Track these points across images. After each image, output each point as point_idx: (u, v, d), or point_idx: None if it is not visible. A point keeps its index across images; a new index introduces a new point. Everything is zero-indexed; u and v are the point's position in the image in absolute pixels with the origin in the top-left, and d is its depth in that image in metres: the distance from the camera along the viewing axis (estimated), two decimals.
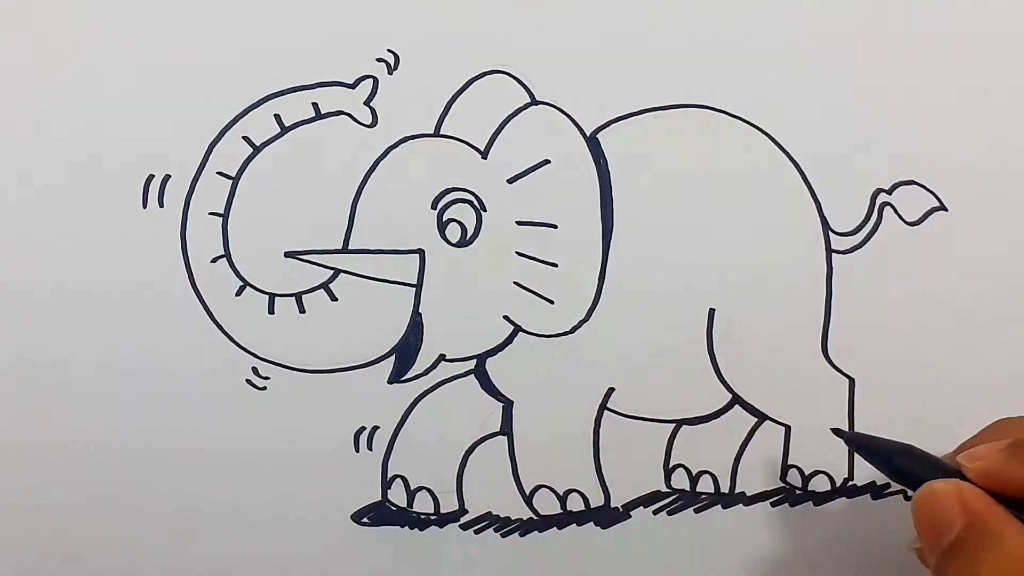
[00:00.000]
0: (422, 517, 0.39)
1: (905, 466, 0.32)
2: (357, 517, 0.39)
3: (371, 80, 0.38)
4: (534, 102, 0.38)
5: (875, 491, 0.39)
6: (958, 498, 0.30)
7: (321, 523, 0.39)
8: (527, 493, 0.39)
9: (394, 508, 0.39)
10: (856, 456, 0.39)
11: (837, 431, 0.35)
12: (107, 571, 0.39)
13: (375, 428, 0.38)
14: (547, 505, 0.39)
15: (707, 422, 0.39)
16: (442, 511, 0.39)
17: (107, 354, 0.38)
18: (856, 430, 0.39)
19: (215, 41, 0.38)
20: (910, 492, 0.31)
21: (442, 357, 0.38)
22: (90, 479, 0.38)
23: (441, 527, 0.39)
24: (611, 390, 0.39)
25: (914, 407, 0.39)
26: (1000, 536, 0.29)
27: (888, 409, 0.39)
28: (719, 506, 0.39)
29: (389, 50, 0.38)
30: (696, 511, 0.39)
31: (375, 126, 0.38)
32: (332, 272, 0.38)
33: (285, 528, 0.39)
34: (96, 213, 0.37)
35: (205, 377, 0.38)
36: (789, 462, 0.39)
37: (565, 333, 0.38)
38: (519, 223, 0.38)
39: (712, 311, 0.38)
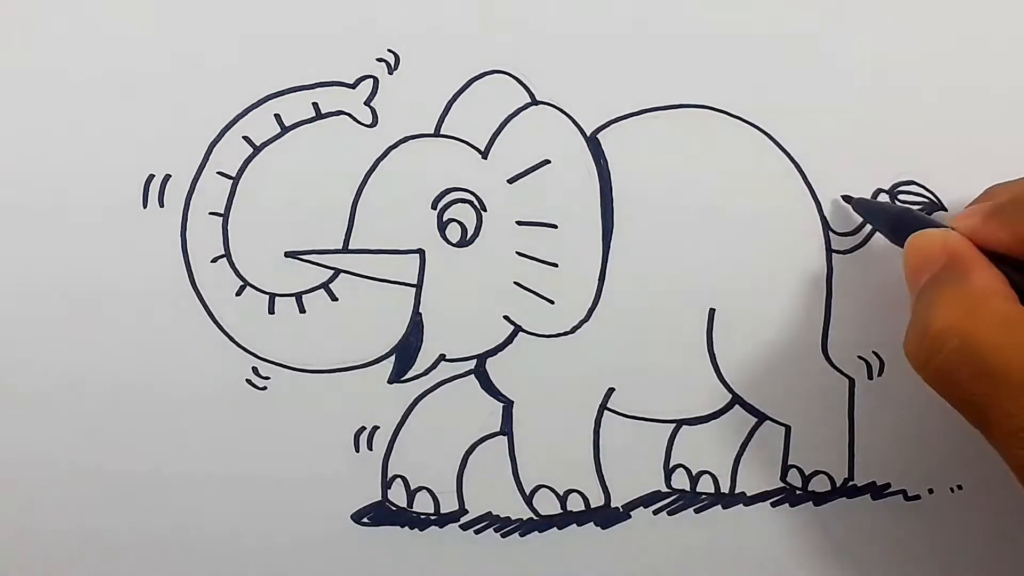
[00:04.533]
0: (422, 517, 0.39)
1: (904, 224, 0.34)
2: (357, 517, 0.39)
3: (371, 80, 0.38)
4: (534, 102, 0.38)
5: (875, 491, 0.39)
6: (943, 242, 0.32)
7: (321, 523, 0.39)
8: (527, 493, 0.39)
9: (394, 508, 0.39)
10: (856, 456, 0.39)
11: (847, 198, 0.37)
12: (106, 568, 0.39)
13: (375, 428, 0.38)
14: (547, 505, 0.39)
15: (707, 422, 0.39)
16: (442, 511, 0.39)
17: (107, 354, 0.38)
18: (856, 430, 0.39)
19: (215, 41, 0.38)
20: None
21: (442, 357, 0.38)
22: (87, 478, 0.38)
23: (441, 527, 0.39)
24: (611, 390, 0.39)
25: (914, 407, 0.39)
26: (968, 272, 0.30)
27: (888, 409, 0.39)
28: (719, 506, 0.39)
29: (389, 50, 0.38)
30: (696, 511, 0.39)
31: (375, 126, 0.38)
32: (332, 272, 0.38)
33: (285, 528, 0.39)
34: (96, 213, 0.37)
35: (205, 377, 0.38)
36: (789, 462, 0.39)
37: (565, 333, 0.38)
38: (519, 223, 0.38)
39: (712, 311, 0.38)
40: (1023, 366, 0.28)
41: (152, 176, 0.37)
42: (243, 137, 0.37)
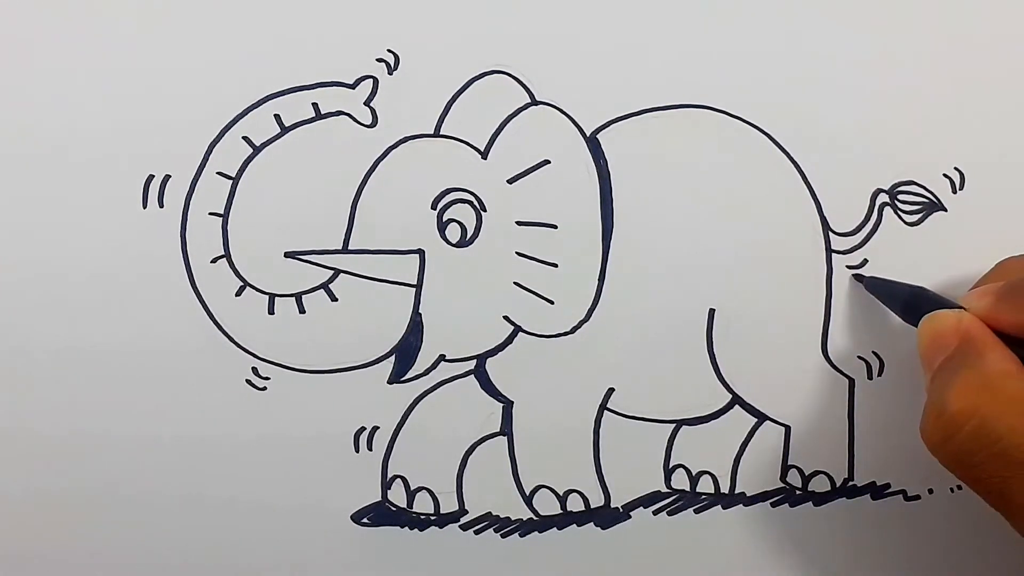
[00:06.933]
0: (422, 517, 0.39)
1: (917, 304, 0.34)
2: (357, 517, 0.39)
3: (371, 80, 0.38)
4: (534, 102, 0.38)
5: (875, 491, 0.39)
6: (956, 323, 0.32)
7: (321, 523, 0.39)
8: (527, 493, 0.39)
9: (394, 508, 0.39)
10: (856, 456, 0.39)
11: (857, 276, 0.38)
12: (105, 571, 0.39)
13: (375, 428, 0.38)
14: (547, 505, 0.39)
15: (707, 422, 0.39)
16: (442, 511, 0.39)
17: (107, 354, 0.38)
18: (856, 430, 0.39)
19: (215, 41, 0.38)
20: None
21: (442, 357, 0.38)
22: (89, 479, 0.38)
23: (441, 527, 0.39)
24: (611, 390, 0.39)
25: (914, 407, 0.39)
26: (982, 355, 0.30)
27: (888, 409, 0.39)
28: (719, 506, 0.39)
29: (389, 50, 0.38)
30: (696, 511, 0.39)
31: (375, 126, 0.38)
32: (332, 272, 0.38)
33: (285, 528, 0.39)
34: (96, 213, 0.37)
35: (205, 377, 0.38)
36: (789, 462, 0.39)
37: (565, 333, 0.38)
38: (519, 223, 0.38)
39: (712, 311, 0.38)
40: None
41: (152, 176, 0.37)
42: (243, 137, 0.37)
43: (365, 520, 0.39)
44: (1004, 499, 0.29)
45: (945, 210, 0.38)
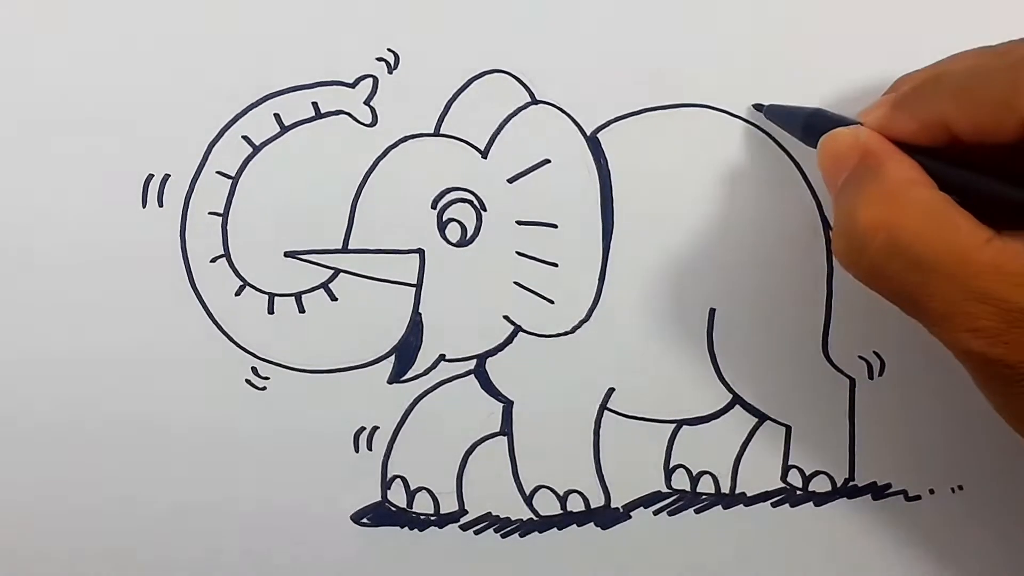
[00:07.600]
0: (422, 517, 0.39)
1: (816, 125, 0.34)
2: (357, 517, 0.39)
3: (371, 80, 0.38)
4: (534, 102, 0.38)
5: (876, 491, 0.39)
6: (853, 139, 0.32)
7: (321, 523, 0.39)
8: (527, 493, 0.39)
9: (394, 508, 0.39)
10: (857, 456, 0.39)
11: (757, 105, 0.37)
12: (103, 570, 0.39)
13: (375, 428, 0.38)
14: (547, 505, 0.39)
15: (707, 422, 0.39)
16: (442, 511, 0.39)
17: (106, 354, 0.38)
18: (857, 430, 0.39)
19: (215, 41, 0.38)
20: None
21: (442, 357, 0.38)
22: (88, 479, 0.38)
23: (441, 527, 0.39)
24: (611, 390, 0.39)
25: (914, 407, 0.39)
26: (883, 166, 0.30)
27: (888, 409, 0.39)
28: (719, 506, 0.39)
29: (389, 50, 0.38)
30: (696, 511, 0.39)
31: (375, 126, 0.38)
32: (332, 272, 0.38)
33: (285, 528, 0.39)
34: (96, 213, 0.37)
35: (205, 377, 0.38)
36: (789, 462, 0.39)
37: (565, 333, 0.38)
38: (519, 223, 0.38)
39: (712, 311, 0.38)
40: (950, 251, 0.28)
41: (151, 176, 0.37)
42: (243, 137, 0.37)
43: (365, 520, 0.39)
44: (920, 306, 0.29)
45: None
